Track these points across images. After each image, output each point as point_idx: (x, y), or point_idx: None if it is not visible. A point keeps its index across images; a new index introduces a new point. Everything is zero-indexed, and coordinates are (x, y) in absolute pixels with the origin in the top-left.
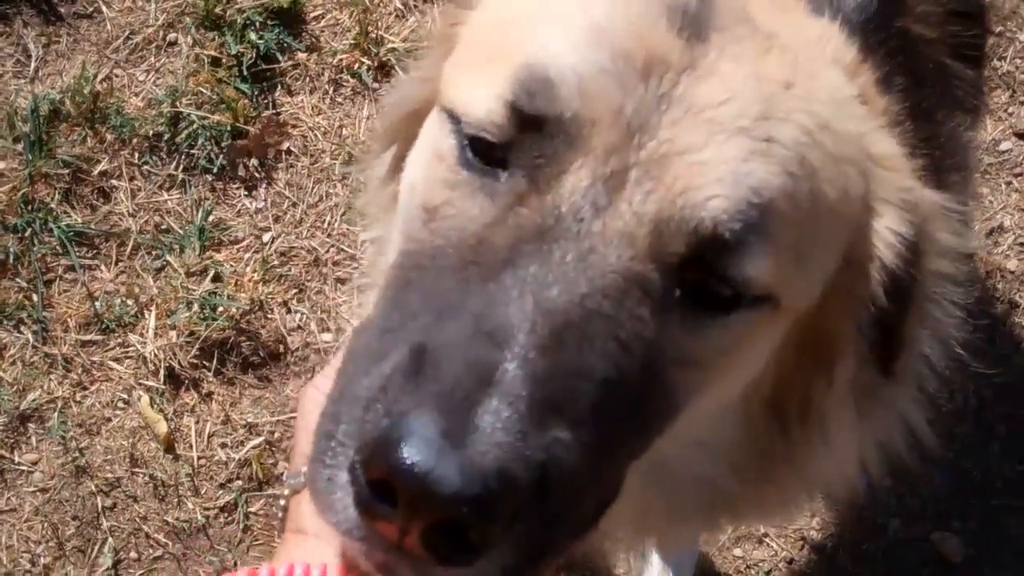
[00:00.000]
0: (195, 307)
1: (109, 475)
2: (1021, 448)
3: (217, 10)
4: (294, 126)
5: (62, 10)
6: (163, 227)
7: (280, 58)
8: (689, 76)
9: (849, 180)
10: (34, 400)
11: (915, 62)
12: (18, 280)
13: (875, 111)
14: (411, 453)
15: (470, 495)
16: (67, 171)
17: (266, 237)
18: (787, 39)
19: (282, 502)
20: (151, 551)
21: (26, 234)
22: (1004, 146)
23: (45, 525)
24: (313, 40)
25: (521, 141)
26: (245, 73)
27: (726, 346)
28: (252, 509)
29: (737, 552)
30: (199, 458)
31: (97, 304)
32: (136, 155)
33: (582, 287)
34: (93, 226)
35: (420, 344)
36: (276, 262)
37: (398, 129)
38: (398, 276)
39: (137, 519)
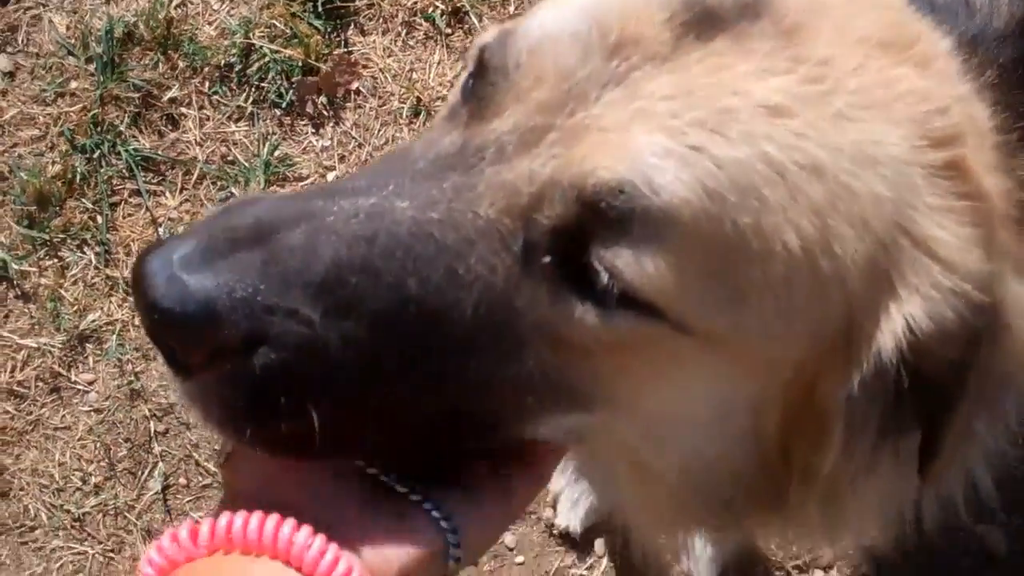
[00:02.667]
0: None
1: (163, 400)
2: None
3: None
4: (365, 66)
5: None
6: (229, 158)
7: None
8: (654, 66)
9: (844, 241)
10: (93, 321)
11: None
12: (84, 201)
13: (966, 191)
14: (147, 262)
15: (164, 307)
16: (137, 95)
17: (331, 176)
18: (844, 76)
19: None
20: (200, 479)
21: (94, 155)
22: None
23: (98, 445)
24: None
25: (479, 80)
26: (320, 9)
27: (611, 344)
28: None
29: None
30: None
31: (160, 230)
32: (206, 84)
33: (433, 212)
34: (160, 152)
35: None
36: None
37: None
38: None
39: (188, 446)
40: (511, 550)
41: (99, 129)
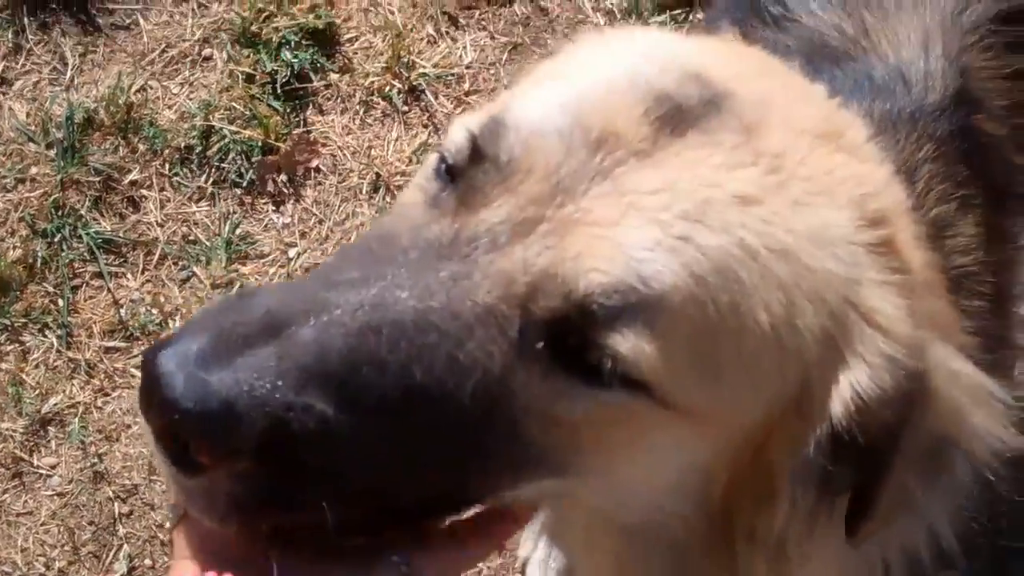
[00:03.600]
0: None
1: (127, 482)
2: None
3: (253, 28)
4: (324, 145)
5: (100, 21)
6: (190, 238)
7: (313, 78)
8: (638, 161)
9: (805, 316)
10: (56, 404)
11: (990, 169)
12: (45, 285)
13: (896, 266)
14: (162, 359)
15: (185, 407)
16: (98, 179)
17: (292, 252)
18: (795, 166)
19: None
20: (166, 559)
21: (55, 239)
22: None
23: (61, 529)
24: (346, 62)
25: (469, 168)
26: (278, 91)
27: (597, 420)
28: None
29: None
30: None
31: (122, 311)
32: (167, 166)
33: (433, 301)
34: (121, 234)
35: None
36: (301, 277)
37: None
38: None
39: (153, 527)
40: None
41: (60, 213)
